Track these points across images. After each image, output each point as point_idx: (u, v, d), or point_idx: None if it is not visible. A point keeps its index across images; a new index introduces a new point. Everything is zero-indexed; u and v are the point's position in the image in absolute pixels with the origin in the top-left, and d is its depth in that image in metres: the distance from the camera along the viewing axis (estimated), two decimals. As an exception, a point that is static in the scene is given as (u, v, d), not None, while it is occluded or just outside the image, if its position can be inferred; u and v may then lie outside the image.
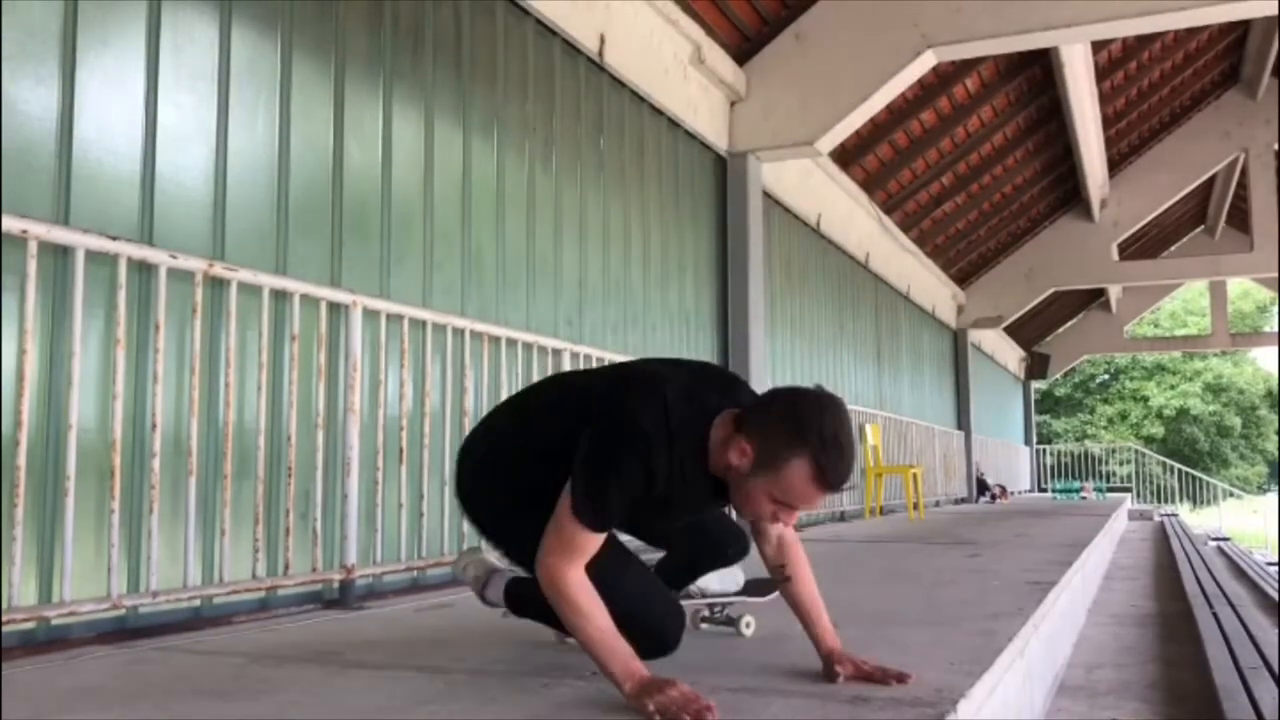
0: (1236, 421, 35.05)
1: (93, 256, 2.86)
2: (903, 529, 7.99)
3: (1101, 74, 10.96)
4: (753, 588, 2.75)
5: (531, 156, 5.08)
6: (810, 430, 1.87)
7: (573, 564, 1.91)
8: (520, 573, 2.35)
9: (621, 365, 2.37)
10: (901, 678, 2.03)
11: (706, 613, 2.76)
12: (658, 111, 6.40)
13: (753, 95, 7.27)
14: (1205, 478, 24.44)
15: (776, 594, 2.60)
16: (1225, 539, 14.08)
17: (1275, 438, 35.42)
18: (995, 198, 13.05)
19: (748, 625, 2.68)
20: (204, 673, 2.35)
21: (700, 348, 6.86)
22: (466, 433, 4.25)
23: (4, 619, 2.54)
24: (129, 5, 3.08)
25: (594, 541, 1.94)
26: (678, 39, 6.50)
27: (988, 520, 9.27)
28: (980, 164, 11.83)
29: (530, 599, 2.20)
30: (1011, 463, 19.37)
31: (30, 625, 2.71)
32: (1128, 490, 21.49)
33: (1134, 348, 27.05)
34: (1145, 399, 35.06)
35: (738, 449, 1.93)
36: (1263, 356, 36.67)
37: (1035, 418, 23.60)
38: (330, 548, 3.63)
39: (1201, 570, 7.57)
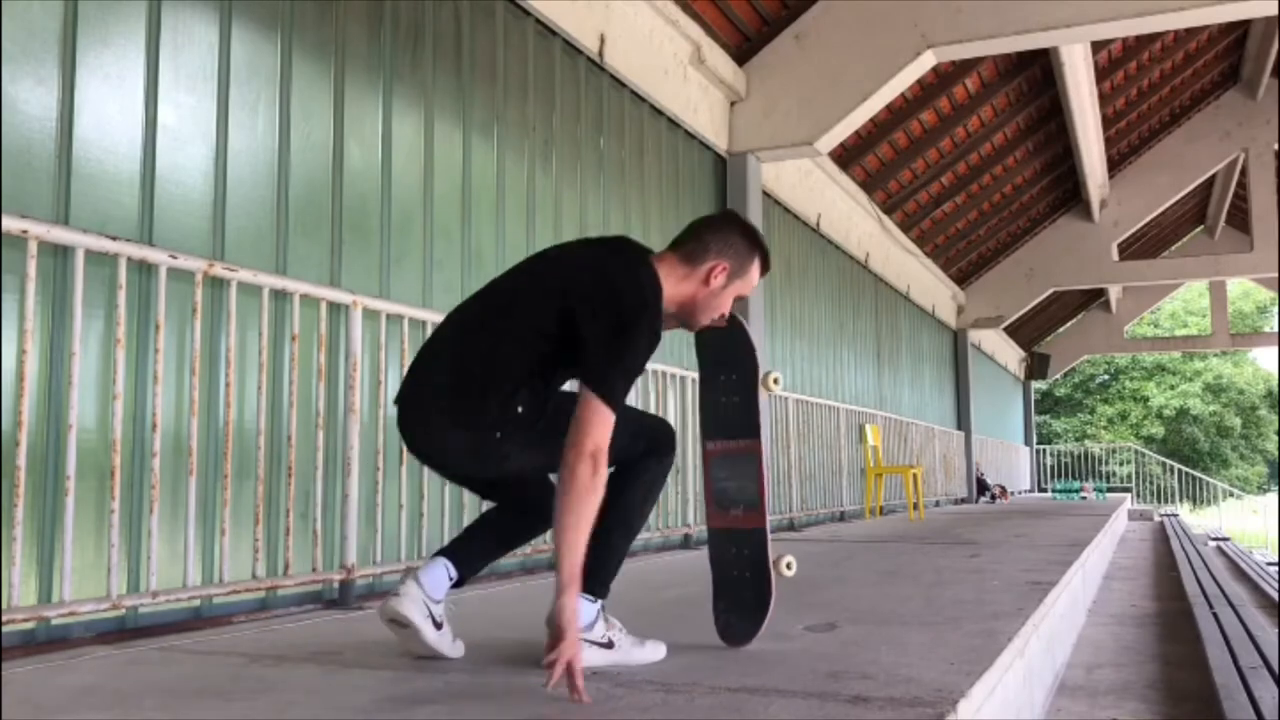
0: (1236, 421, 35.04)
1: (93, 256, 2.86)
2: (902, 529, 7.99)
3: (1101, 74, 10.97)
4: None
5: (531, 156, 5.08)
6: (755, 236, 2.40)
7: (604, 457, 2.05)
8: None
9: (571, 247, 2.40)
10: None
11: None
12: (658, 112, 6.40)
13: (753, 95, 7.27)
14: (1205, 478, 24.45)
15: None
16: (1225, 539, 14.08)
17: (1275, 438, 35.41)
18: (995, 198, 13.05)
19: (789, 566, 2.55)
20: (204, 673, 2.35)
21: (700, 348, 6.86)
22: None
23: (4, 619, 2.54)
24: (129, 5, 3.08)
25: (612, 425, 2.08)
26: (678, 39, 6.50)
27: (988, 520, 9.27)
28: (980, 164, 11.84)
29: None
30: (1011, 463, 19.38)
31: (30, 625, 2.71)
32: (1128, 490, 21.50)
33: (1134, 348, 27.07)
34: (1145, 399, 35.06)
35: (713, 273, 2.32)
36: (1263, 356, 36.69)
37: (1035, 418, 23.62)
38: (330, 548, 3.63)
39: (1201, 570, 7.57)
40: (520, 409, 2.18)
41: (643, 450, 2.33)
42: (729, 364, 2.59)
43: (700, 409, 2.67)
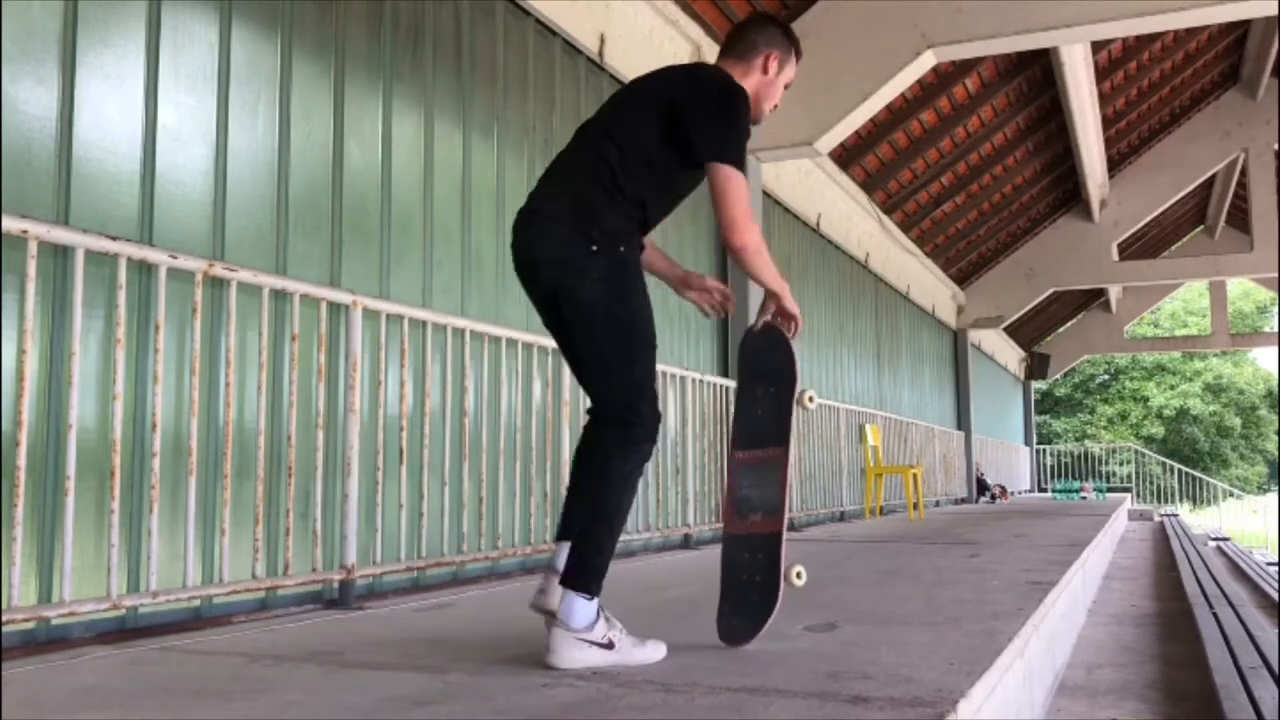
0: (1236, 421, 35.03)
1: (92, 256, 2.86)
2: (902, 529, 7.99)
3: (1101, 74, 10.97)
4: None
5: (531, 156, 5.08)
6: (788, 27, 2.68)
7: (752, 218, 2.36)
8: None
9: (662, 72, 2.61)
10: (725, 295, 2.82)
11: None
12: (658, 111, 6.39)
13: (753, 95, 7.26)
14: (1205, 478, 24.45)
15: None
16: (1225, 539, 14.08)
17: (1275, 438, 35.41)
18: (995, 198, 13.05)
19: (799, 576, 2.54)
20: (204, 673, 2.35)
21: (701, 349, 6.86)
22: (467, 432, 4.26)
23: (4, 619, 2.54)
24: (129, 5, 3.08)
25: None
26: (678, 39, 6.50)
27: (988, 520, 9.27)
28: (980, 164, 11.84)
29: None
30: (1011, 463, 19.37)
31: (30, 625, 2.71)
32: (1128, 490, 21.50)
33: (1134, 348, 27.07)
34: (1145, 399, 35.05)
35: (768, 60, 2.59)
36: (1263, 356, 36.69)
37: (1035, 418, 23.62)
38: (330, 548, 3.63)
39: (1201, 570, 7.57)
40: (623, 249, 2.33)
41: (629, 421, 2.31)
42: (768, 375, 2.62)
43: (734, 417, 2.69)
